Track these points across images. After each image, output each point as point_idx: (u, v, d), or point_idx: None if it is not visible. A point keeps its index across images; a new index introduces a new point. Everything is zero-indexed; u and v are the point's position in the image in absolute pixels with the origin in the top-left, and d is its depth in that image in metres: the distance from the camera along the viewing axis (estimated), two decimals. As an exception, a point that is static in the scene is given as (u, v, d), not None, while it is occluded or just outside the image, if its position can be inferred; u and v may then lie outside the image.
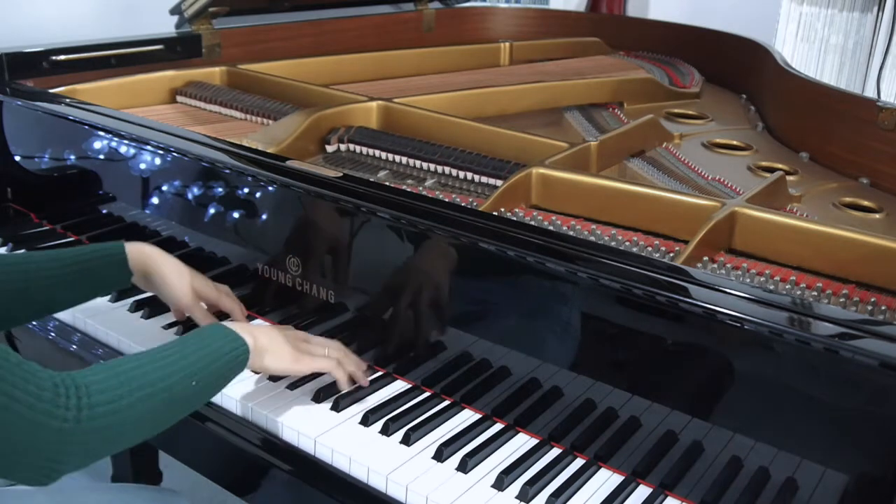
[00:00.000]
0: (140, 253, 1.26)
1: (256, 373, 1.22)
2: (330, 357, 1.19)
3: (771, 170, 1.65)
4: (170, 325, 1.36)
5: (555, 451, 1.12)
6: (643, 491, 1.05)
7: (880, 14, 2.96)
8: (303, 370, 1.17)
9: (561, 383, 1.13)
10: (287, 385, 1.22)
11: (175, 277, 1.27)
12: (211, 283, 1.32)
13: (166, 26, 2.11)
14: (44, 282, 1.18)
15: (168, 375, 0.98)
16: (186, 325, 1.35)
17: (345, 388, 1.19)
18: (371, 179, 1.45)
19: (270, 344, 1.13)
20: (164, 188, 1.53)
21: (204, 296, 1.30)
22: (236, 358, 1.08)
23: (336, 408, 1.17)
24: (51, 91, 1.75)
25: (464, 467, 1.07)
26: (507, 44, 2.53)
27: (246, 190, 1.39)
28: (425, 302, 1.23)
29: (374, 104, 1.75)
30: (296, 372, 1.18)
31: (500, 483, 1.05)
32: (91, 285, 1.24)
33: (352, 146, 1.65)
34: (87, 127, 1.59)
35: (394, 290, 1.26)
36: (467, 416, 1.18)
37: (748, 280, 1.18)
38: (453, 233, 1.17)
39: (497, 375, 1.18)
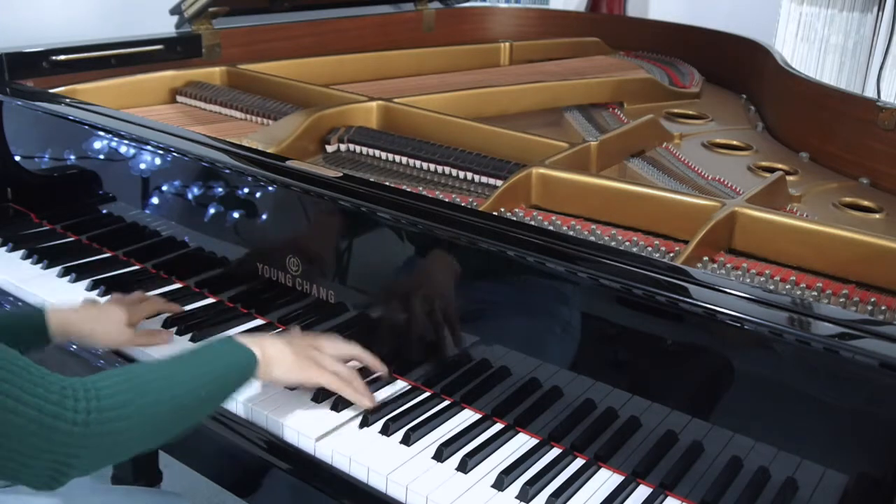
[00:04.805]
0: (60, 322, 1.24)
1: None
2: (339, 375, 1.17)
3: (771, 170, 1.65)
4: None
5: (555, 451, 1.12)
6: (643, 491, 1.05)
7: (880, 14, 2.96)
8: (310, 380, 1.16)
9: (561, 383, 1.13)
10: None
11: (100, 331, 1.27)
12: (123, 310, 1.31)
13: (166, 26, 2.11)
14: None
15: (176, 384, 1.00)
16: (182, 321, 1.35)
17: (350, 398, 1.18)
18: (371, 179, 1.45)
19: (279, 355, 1.13)
20: (164, 188, 1.53)
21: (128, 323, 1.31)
22: (244, 369, 1.09)
23: (336, 408, 1.17)
24: (51, 91, 1.75)
25: (464, 467, 1.07)
26: (507, 44, 2.53)
27: (246, 190, 1.39)
28: (425, 302, 1.23)
29: (374, 104, 1.75)
30: (303, 382, 1.17)
31: (500, 483, 1.05)
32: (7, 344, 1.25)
33: (352, 146, 1.65)
34: (87, 127, 1.59)
35: (394, 290, 1.26)
36: (467, 416, 1.18)
37: (748, 280, 1.18)
38: (453, 233, 1.17)
39: (497, 375, 1.18)
